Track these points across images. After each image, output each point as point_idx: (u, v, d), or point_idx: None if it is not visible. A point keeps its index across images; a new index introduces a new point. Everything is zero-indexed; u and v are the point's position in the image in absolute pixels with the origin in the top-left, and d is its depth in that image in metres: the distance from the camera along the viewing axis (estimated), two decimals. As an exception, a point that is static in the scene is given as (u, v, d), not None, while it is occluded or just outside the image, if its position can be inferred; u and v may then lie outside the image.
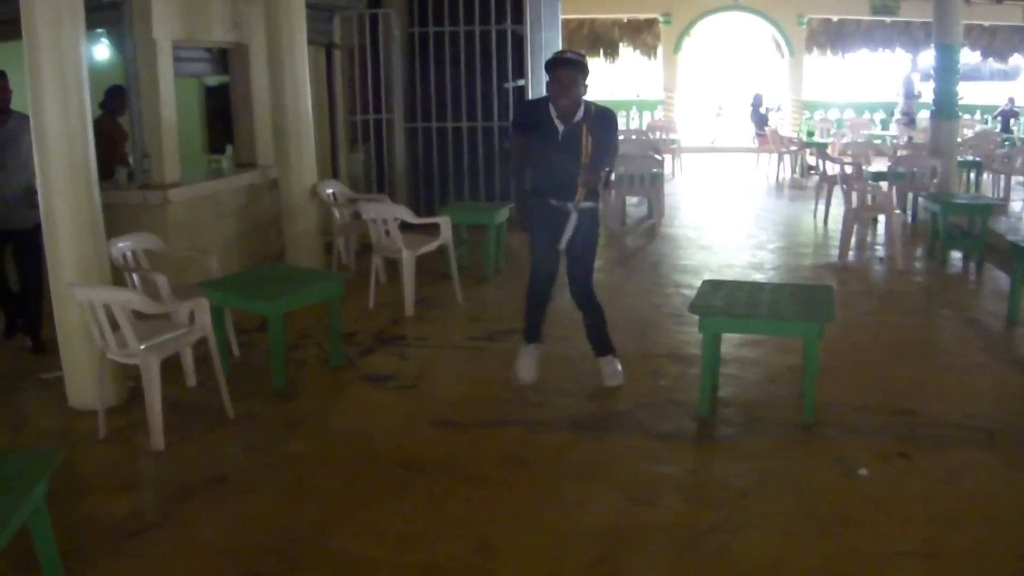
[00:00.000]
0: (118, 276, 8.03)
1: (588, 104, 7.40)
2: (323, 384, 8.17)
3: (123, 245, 8.27)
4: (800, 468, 6.35)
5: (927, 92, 18.12)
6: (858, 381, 7.95)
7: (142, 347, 6.64)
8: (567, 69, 7.17)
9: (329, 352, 8.53)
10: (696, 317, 7.14)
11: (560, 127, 7.32)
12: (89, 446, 6.86)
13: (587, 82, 7.30)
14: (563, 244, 7.61)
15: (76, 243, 7.17)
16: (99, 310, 6.57)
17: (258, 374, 8.14)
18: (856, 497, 5.91)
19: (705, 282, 7.94)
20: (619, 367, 7.99)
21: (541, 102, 7.55)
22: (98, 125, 9.30)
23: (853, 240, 12.98)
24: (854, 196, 13.06)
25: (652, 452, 6.58)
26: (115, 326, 6.59)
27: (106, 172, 9.71)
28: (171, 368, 7.47)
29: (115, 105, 11.29)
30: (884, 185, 14.41)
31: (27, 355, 8.72)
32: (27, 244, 8.44)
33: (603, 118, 7.50)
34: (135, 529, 5.60)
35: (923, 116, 23.12)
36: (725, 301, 7.22)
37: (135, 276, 8.19)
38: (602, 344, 8.03)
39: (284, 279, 8.51)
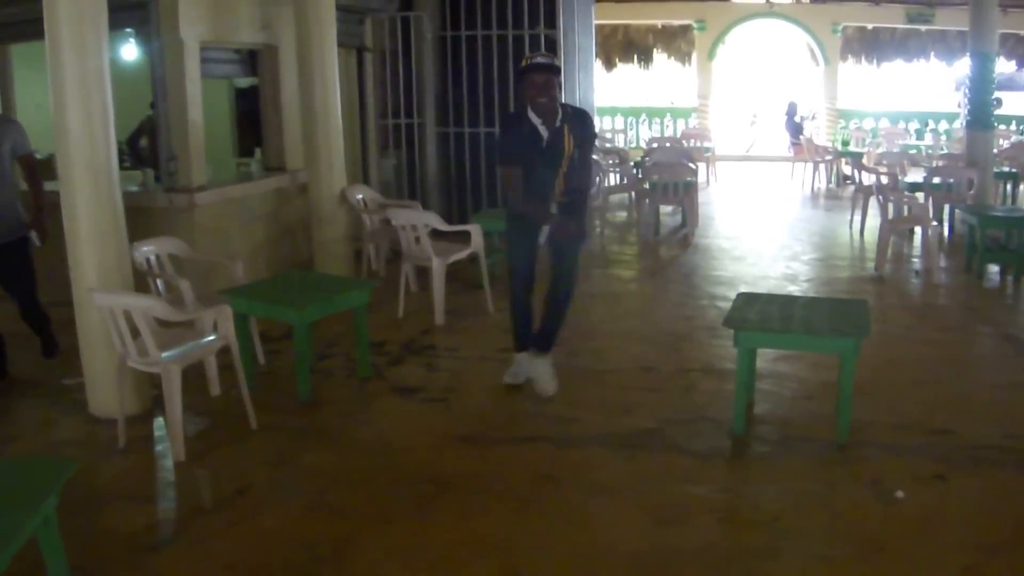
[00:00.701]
0: (141, 281, 7.91)
1: (564, 106, 7.54)
2: (350, 395, 8.00)
3: (146, 249, 8.18)
4: (836, 490, 6.16)
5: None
6: (894, 399, 7.72)
7: (164, 356, 6.51)
8: (540, 72, 7.26)
9: (356, 362, 8.37)
10: (723, 325, 7.01)
11: (545, 133, 7.37)
12: (108, 455, 6.75)
13: (560, 81, 7.45)
14: (542, 239, 7.64)
15: (97, 247, 7.05)
16: (120, 317, 6.46)
17: (283, 383, 8.00)
18: (892, 521, 5.71)
19: (740, 295, 7.77)
20: (552, 370, 7.91)
21: (517, 115, 7.64)
22: (150, 124, 9.26)
23: (889, 252, 12.71)
24: (890, 207, 12.85)
25: (684, 471, 6.40)
26: (136, 333, 6.47)
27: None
28: (194, 376, 7.36)
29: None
30: (920, 196, 14.17)
31: (50, 361, 8.60)
32: (14, 256, 8.26)
33: (580, 117, 7.64)
34: (152, 543, 5.49)
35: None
36: (760, 315, 7.05)
37: (158, 281, 8.07)
38: (550, 341, 7.93)
39: (311, 287, 8.37)
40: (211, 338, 7.05)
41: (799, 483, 6.22)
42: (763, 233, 15.80)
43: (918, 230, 13.98)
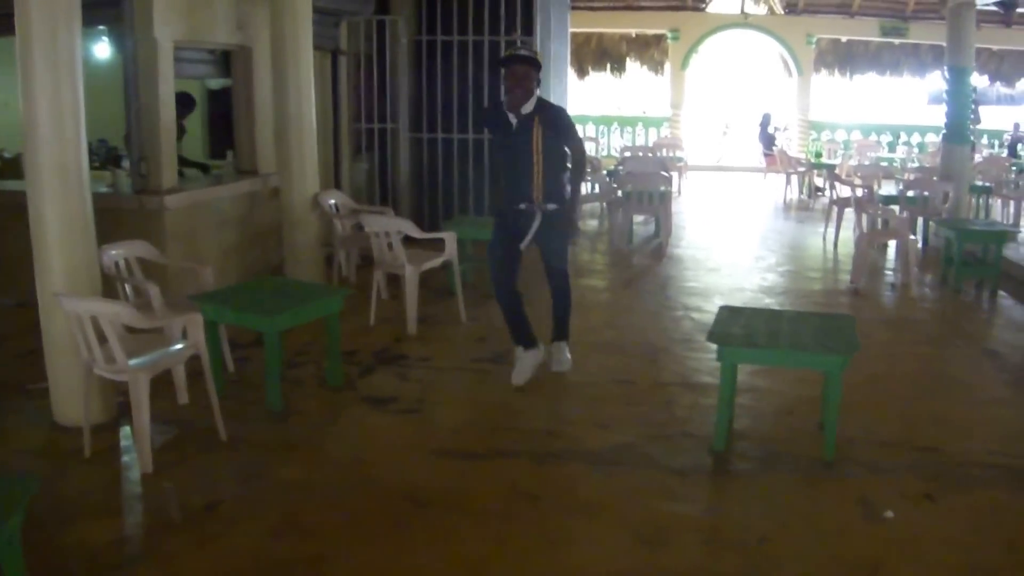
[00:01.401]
0: (109, 285, 7.70)
1: (542, 100, 7.85)
2: (321, 405, 7.79)
3: (115, 253, 7.96)
4: (822, 509, 6.00)
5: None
6: (878, 415, 7.59)
7: (131, 363, 6.32)
8: (520, 64, 7.60)
9: (327, 371, 8.18)
10: (708, 343, 6.88)
11: (513, 120, 7.63)
12: (73, 466, 6.52)
13: (539, 77, 7.73)
14: (524, 244, 7.88)
15: (65, 250, 6.84)
16: (86, 323, 6.25)
17: (253, 392, 7.81)
18: (882, 542, 5.58)
19: (722, 309, 7.60)
20: (568, 355, 8.53)
21: (494, 106, 8.05)
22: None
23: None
24: (866, 220, 12.76)
25: (666, 488, 6.24)
26: (103, 339, 6.27)
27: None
28: (162, 383, 7.13)
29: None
30: (896, 209, 14.08)
31: (15, 364, 8.37)
32: None
33: (554, 113, 7.89)
34: (117, 561, 5.28)
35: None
36: (744, 330, 6.88)
37: (127, 286, 7.89)
38: (563, 329, 8.50)
39: (282, 294, 8.13)
40: (180, 346, 6.87)
41: (784, 502, 6.09)
42: (737, 244, 15.75)
43: (892, 243, 13.89)
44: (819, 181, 21.78)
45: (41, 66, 6.56)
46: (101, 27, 10.56)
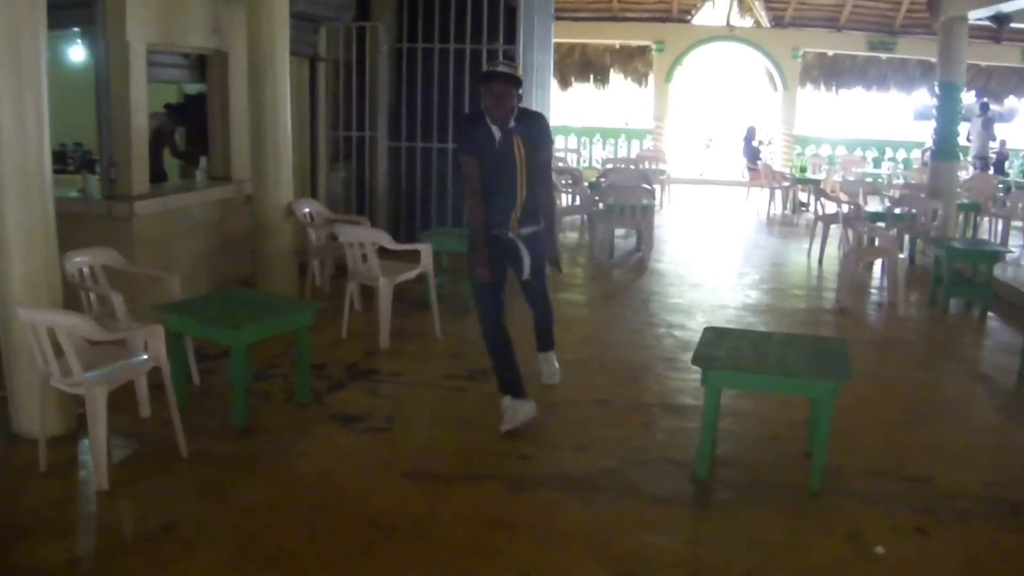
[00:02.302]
0: (74, 294, 7.47)
1: (523, 110, 7.45)
2: (287, 422, 7.46)
3: (79, 260, 7.68)
4: (810, 543, 5.70)
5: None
6: (866, 442, 7.33)
7: (88, 376, 6.04)
8: (500, 82, 7.13)
9: (296, 386, 7.90)
10: (692, 363, 6.60)
11: (497, 134, 7.23)
12: (27, 480, 6.24)
13: (520, 92, 7.28)
14: (526, 274, 7.58)
15: (24, 257, 6.58)
16: (42, 334, 5.97)
17: (218, 406, 7.54)
18: (873, 580, 5.33)
19: (707, 330, 7.28)
20: (556, 364, 8.51)
21: (476, 115, 7.42)
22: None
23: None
24: (853, 237, 12.54)
25: (646, 518, 5.95)
26: (61, 351, 5.99)
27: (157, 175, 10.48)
28: (123, 395, 6.85)
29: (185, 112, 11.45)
30: (884, 227, 13.86)
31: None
32: None
33: (533, 118, 7.55)
34: (67, 585, 5.00)
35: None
36: (731, 353, 6.58)
37: (91, 295, 7.61)
38: (548, 340, 8.43)
39: (250, 305, 7.81)
40: (142, 358, 6.58)
41: (770, 535, 5.79)
42: (720, 259, 15.54)
43: (878, 261, 13.66)
44: (803, 196, 21.63)
45: (3, 67, 6.30)
46: (74, 29, 10.26)
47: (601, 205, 15.45)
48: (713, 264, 15.01)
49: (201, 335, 7.56)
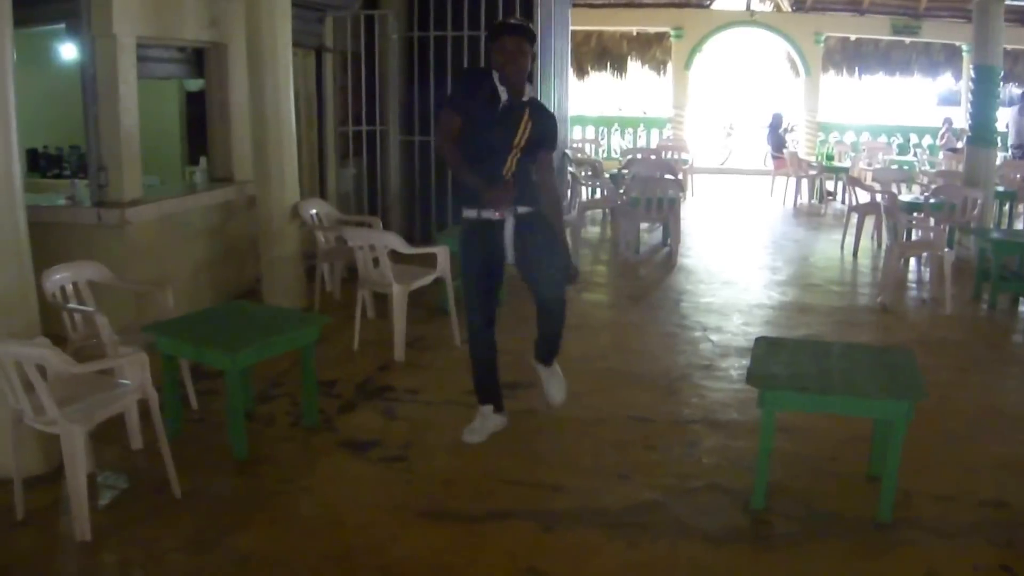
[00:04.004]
0: (56, 315, 6.82)
1: (536, 101, 6.56)
2: (293, 451, 6.78)
3: (60, 277, 6.97)
4: (886, 587, 5.02)
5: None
6: (932, 461, 6.58)
7: (64, 414, 5.34)
8: (512, 36, 6.20)
9: (303, 409, 7.22)
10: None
11: (504, 96, 6.24)
12: (1, 530, 5.55)
13: (534, 53, 6.37)
14: (510, 257, 6.50)
15: (-7, 276, 5.87)
16: (9, 367, 5.28)
17: (217, 434, 6.84)
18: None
19: (760, 341, 6.54)
20: (562, 378, 7.18)
21: (481, 71, 6.58)
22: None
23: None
24: (892, 229, 11.86)
25: (699, 562, 5.24)
26: (32, 386, 5.31)
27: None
28: (114, 424, 6.21)
29: None
30: (925, 218, 13.17)
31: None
32: None
33: (547, 113, 6.59)
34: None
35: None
36: (789, 369, 5.84)
37: (75, 316, 6.93)
38: (553, 354, 7.09)
39: (249, 323, 7.10)
40: (127, 388, 5.88)
41: (841, 578, 5.08)
42: (750, 253, 14.86)
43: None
44: (830, 185, 20.98)
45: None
46: (59, 24, 9.62)
47: (624, 197, 14.76)
48: (744, 259, 14.34)
49: (195, 357, 6.88)
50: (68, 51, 11.60)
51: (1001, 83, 16.41)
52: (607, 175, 17.76)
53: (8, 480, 5.78)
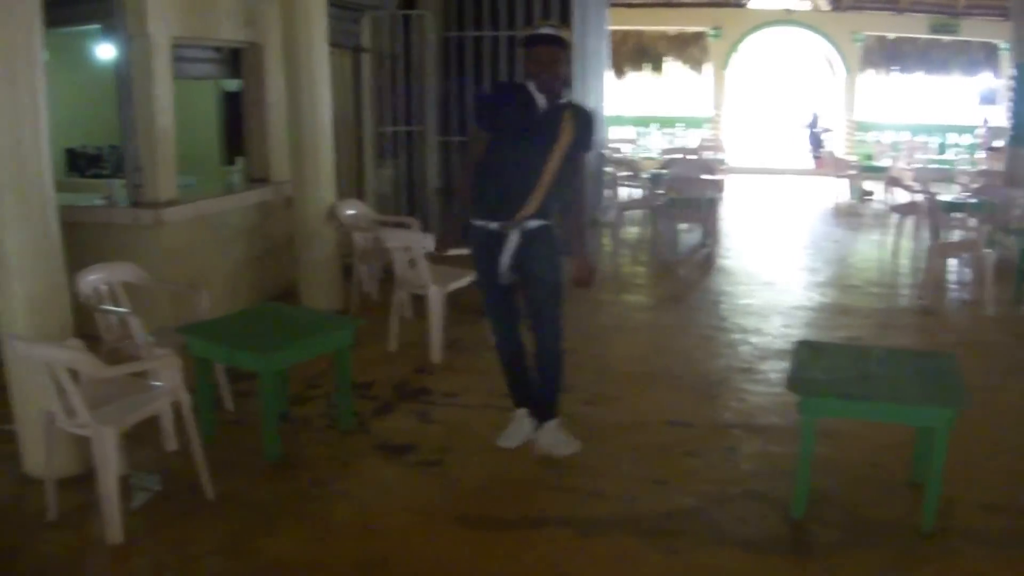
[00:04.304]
0: (91, 315, 6.80)
1: (575, 104, 6.32)
2: (327, 454, 6.69)
3: (94, 278, 6.95)
4: (933, 601, 4.90)
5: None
6: (977, 468, 6.43)
7: (96, 416, 5.29)
8: (545, 46, 5.99)
9: (338, 412, 7.14)
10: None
11: (542, 103, 6.04)
12: (34, 531, 5.53)
13: (569, 60, 6.18)
14: (501, 269, 6.29)
15: (27, 277, 5.84)
16: (41, 370, 5.23)
17: (251, 436, 6.75)
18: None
19: (801, 345, 6.41)
20: (563, 435, 6.61)
21: (513, 83, 6.52)
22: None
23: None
24: (933, 230, 11.72)
25: (738, 571, 5.15)
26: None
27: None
28: (149, 425, 6.13)
29: None
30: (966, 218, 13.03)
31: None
32: None
33: (586, 115, 6.29)
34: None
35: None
36: (830, 375, 5.73)
37: (110, 316, 6.89)
38: (550, 407, 6.63)
39: (283, 325, 7.06)
40: (160, 390, 5.83)
41: (886, 591, 4.97)
42: (789, 254, 14.71)
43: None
44: (869, 185, 20.82)
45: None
46: (95, 24, 9.66)
47: (664, 198, 14.65)
48: (783, 259, 14.19)
49: (228, 361, 6.84)
50: (107, 51, 11.61)
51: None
52: (645, 175, 17.64)
53: (41, 480, 5.75)
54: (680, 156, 20.66)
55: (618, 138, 25.92)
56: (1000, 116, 23.92)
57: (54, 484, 5.65)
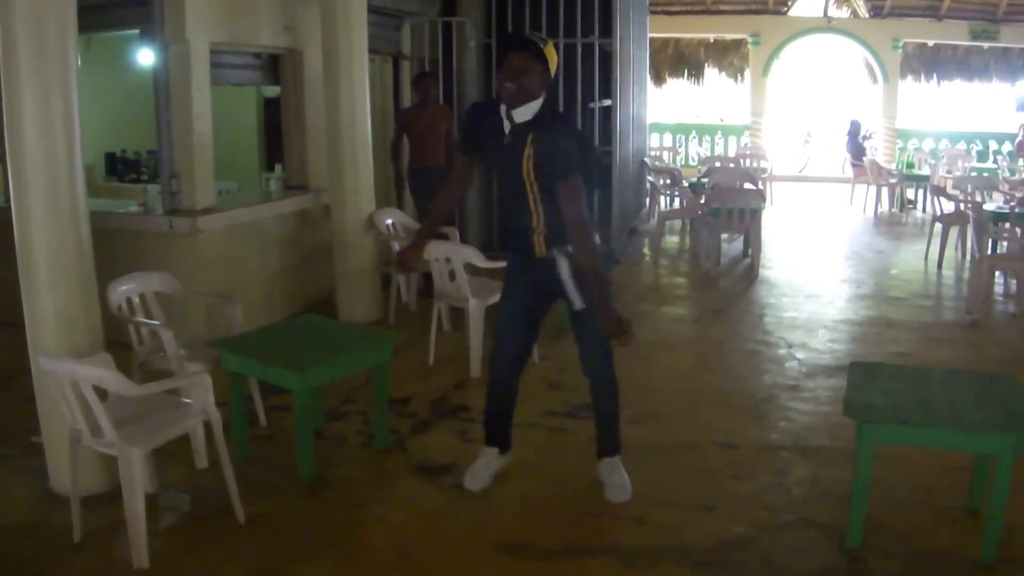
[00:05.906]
0: (123, 324, 6.67)
1: (547, 110, 5.63)
2: (363, 475, 6.51)
3: (126, 288, 6.77)
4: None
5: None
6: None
7: (122, 435, 5.13)
8: (515, 51, 5.48)
9: (375, 430, 6.95)
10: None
11: (508, 125, 5.58)
12: (58, 553, 5.36)
13: (547, 73, 5.54)
14: (578, 304, 5.78)
15: (56, 289, 5.71)
16: (67, 387, 5.06)
17: (285, 454, 6.58)
18: None
19: (855, 367, 6.10)
20: (625, 476, 6.19)
21: (488, 104, 5.88)
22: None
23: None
24: (979, 241, 11.49)
25: (794, 608, 4.93)
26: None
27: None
28: (180, 442, 5.81)
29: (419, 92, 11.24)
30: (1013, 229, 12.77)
31: (25, 408, 7.08)
32: None
33: (553, 132, 5.56)
34: None
35: None
36: (888, 399, 5.46)
37: (142, 329, 6.74)
38: (611, 440, 6.29)
39: (319, 340, 6.86)
40: (188, 405, 5.65)
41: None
42: (832, 264, 14.50)
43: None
44: (910, 193, 20.63)
45: (27, 72, 5.48)
46: (134, 30, 9.56)
47: (705, 207, 14.44)
48: (826, 270, 13.97)
49: (262, 376, 6.65)
50: (146, 56, 11.56)
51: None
52: (686, 183, 17.46)
53: (67, 498, 5.60)
54: (719, 164, 20.42)
55: (658, 146, 25.76)
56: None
57: (79, 502, 5.49)
